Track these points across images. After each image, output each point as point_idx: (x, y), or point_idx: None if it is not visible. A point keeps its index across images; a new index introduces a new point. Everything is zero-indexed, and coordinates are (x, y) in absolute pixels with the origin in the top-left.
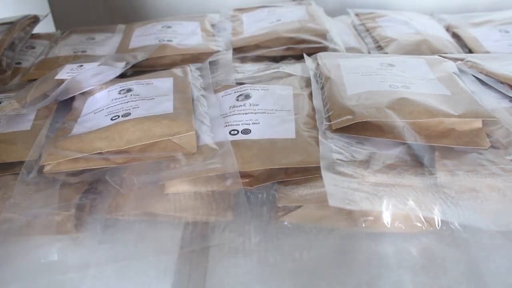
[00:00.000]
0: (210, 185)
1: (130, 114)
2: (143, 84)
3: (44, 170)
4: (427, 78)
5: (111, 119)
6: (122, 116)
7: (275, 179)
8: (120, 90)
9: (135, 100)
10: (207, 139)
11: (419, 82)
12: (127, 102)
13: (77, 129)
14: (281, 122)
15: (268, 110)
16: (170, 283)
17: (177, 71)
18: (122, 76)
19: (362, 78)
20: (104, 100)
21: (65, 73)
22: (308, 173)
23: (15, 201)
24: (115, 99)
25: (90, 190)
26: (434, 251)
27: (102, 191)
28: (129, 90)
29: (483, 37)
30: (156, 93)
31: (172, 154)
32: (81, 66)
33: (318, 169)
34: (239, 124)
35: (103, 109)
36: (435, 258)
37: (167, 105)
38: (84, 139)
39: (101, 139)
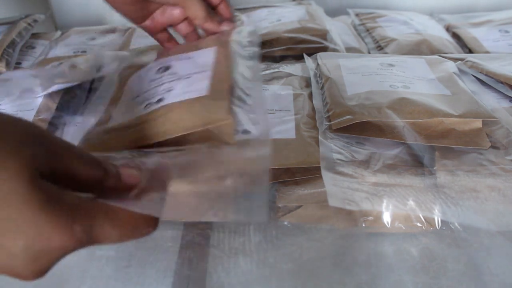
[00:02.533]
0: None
1: (163, 99)
2: (182, 59)
3: None
4: (427, 78)
5: (144, 107)
6: (155, 102)
7: (276, 179)
8: (159, 69)
9: (170, 81)
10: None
11: (419, 82)
12: (162, 84)
13: (115, 118)
14: (281, 122)
15: (268, 110)
16: (170, 283)
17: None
18: None
19: (362, 78)
20: (143, 83)
21: None
22: (308, 173)
23: None
24: (152, 80)
25: None
26: (434, 251)
27: None
28: (167, 68)
29: (483, 37)
30: (194, 69)
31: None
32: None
33: (318, 169)
34: (238, 124)
35: (139, 95)
36: (435, 258)
37: (202, 85)
38: (118, 132)
39: (131, 133)
